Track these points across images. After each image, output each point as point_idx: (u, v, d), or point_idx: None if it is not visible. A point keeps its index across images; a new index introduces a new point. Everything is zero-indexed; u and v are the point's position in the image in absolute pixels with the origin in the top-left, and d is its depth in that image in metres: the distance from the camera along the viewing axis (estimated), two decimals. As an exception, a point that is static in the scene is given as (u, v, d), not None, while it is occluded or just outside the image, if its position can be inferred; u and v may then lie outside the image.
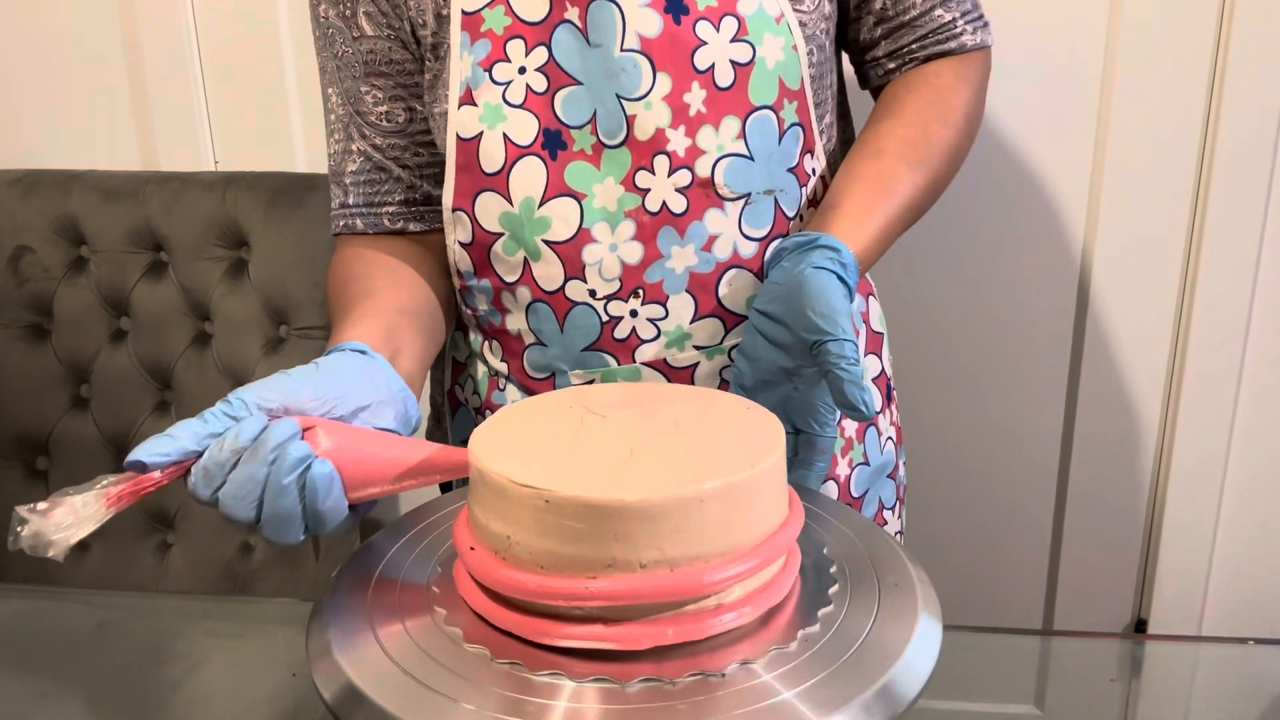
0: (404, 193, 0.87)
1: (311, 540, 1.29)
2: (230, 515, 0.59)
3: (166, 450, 0.58)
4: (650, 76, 0.77)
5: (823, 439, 0.71)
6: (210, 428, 0.59)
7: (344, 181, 0.88)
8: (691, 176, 0.78)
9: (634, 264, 0.80)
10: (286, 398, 0.61)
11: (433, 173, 0.87)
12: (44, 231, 1.32)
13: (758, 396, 0.72)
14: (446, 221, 0.83)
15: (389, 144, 0.86)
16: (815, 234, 0.74)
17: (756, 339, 0.73)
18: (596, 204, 0.79)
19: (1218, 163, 1.23)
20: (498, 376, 0.89)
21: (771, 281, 0.73)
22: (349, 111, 0.86)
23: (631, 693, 0.51)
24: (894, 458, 0.96)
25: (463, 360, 0.93)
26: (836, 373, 0.66)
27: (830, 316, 0.68)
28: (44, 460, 1.36)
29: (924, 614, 0.57)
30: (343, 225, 0.89)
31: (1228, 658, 0.85)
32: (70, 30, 1.37)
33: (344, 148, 0.88)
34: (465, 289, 0.87)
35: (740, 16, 0.77)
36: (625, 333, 0.82)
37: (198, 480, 0.59)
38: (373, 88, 0.85)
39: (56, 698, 0.80)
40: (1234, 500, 1.35)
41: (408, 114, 0.85)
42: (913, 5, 0.85)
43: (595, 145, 0.78)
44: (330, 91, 0.87)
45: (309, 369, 0.65)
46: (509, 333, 0.86)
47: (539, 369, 0.85)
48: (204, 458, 0.59)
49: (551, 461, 0.55)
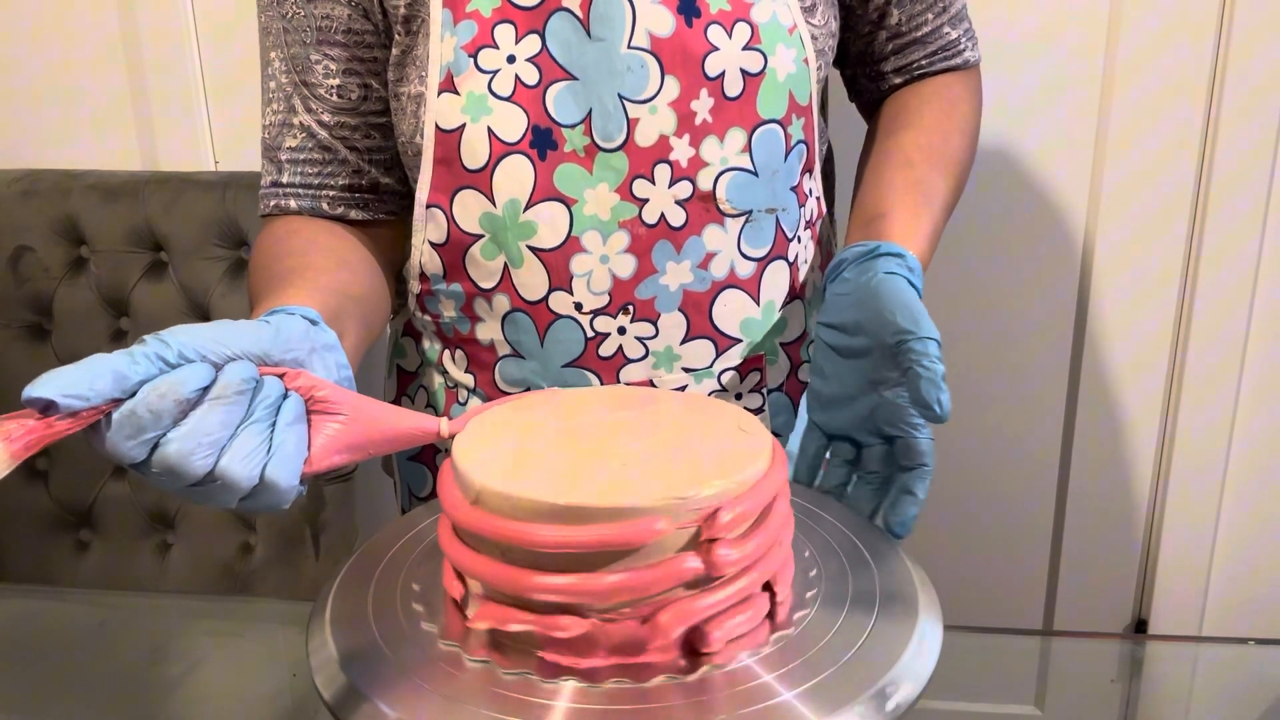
0: (349, 177, 0.80)
1: (312, 540, 1.29)
2: (172, 468, 0.48)
3: (84, 392, 0.46)
4: (658, 78, 0.72)
5: (920, 440, 0.66)
6: (141, 371, 0.48)
7: (279, 158, 0.79)
8: (692, 189, 0.74)
9: (626, 278, 0.75)
10: (239, 350, 0.51)
11: (383, 159, 0.81)
12: (44, 231, 1.32)
13: (840, 414, 0.69)
14: (417, 218, 0.77)
15: (338, 122, 0.79)
16: (875, 243, 0.71)
17: (830, 356, 0.70)
18: (587, 211, 0.74)
19: (1218, 163, 1.23)
20: (458, 389, 0.84)
21: (836, 294, 0.70)
22: (294, 81, 0.78)
23: (633, 693, 0.51)
24: None
25: (412, 370, 0.88)
26: (916, 369, 0.62)
27: (912, 316, 0.64)
28: (44, 460, 1.36)
29: (924, 614, 0.57)
30: (274, 206, 0.80)
31: (1228, 658, 0.85)
32: (70, 30, 1.37)
33: (284, 120, 0.79)
34: (428, 293, 0.81)
35: (754, 24, 0.74)
36: (611, 350, 0.77)
37: (122, 428, 0.47)
38: (325, 57, 0.77)
39: (56, 698, 0.80)
40: (1234, 500, 1.35)
41: (362, 90, 0.78)
42: (925, 22, 0.84)
43: (589, 147, 0.73)
44: (273, 56, 0.79)
45: (258, 323, 0.54)
46: (479, 342, 0.81)
47: (513, 383, 0.81)
48: (134, 402, 0.47)
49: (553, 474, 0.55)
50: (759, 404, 0.82)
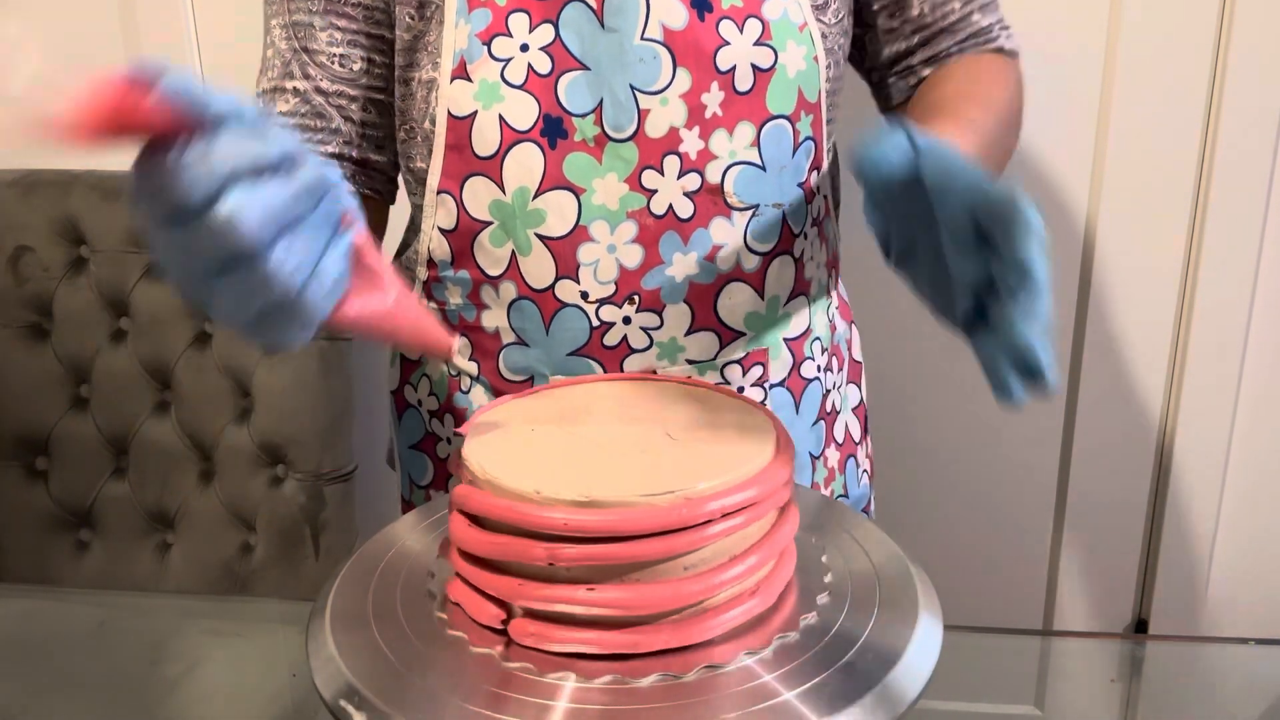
0: (339, 147, 0.79)
1: (312, 540, 1.29)
2: (229, 221, 0.43)
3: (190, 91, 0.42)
4: (670, 70, 0.73)
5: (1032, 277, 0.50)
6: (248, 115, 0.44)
7: None
8: (701, 181, 0.75)
9: (633, 268, 0.76)
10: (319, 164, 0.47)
11: (377, 136, 0.80)
12: (44, 231, 1.32)
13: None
14: (428, 204, 0.78)
15: (336, 90, 0.78)
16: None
17: (875, 214, 0.58)
18: (596, 200, 0.75)
19: (1218, 163, 1.23)
20: (461, 376, 0.84)
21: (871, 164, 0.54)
22: (293, 47, 0.77)
23: (633, 693, 0.51)
24: (868, 491, 0.95)
25: (415, 359, 0.89)
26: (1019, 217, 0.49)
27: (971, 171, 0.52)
28: (44, 460, 1.36)
29: (924, 614, 0.57)
30: None
31: (1228, 658, 0.85)
32: (70, 30, 1.37)
33: (276, 85, 0.78)
34: (436, 280, 0.82)
35: (765, 20, 0.74)
36: (616, 340, 0.78)
37: (201, 157, 0.42)
38: (332, 26, 0.76)
39: (56, 698, 0.80)
40: (1234, 500, 1.35)
41: (365, 64, 0.78)
42: (951, 10, 0.83)
43: (599, 137, 0.73)
44: (274, 24, 0.78)
45: None
46: (484, 330, 0.81)
47: (517, 370, 0.81)
48: (220, 140, 0.43)
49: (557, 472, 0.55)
50: (761, 398, 0.83)
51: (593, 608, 0.52)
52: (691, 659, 0.53)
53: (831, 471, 0.88)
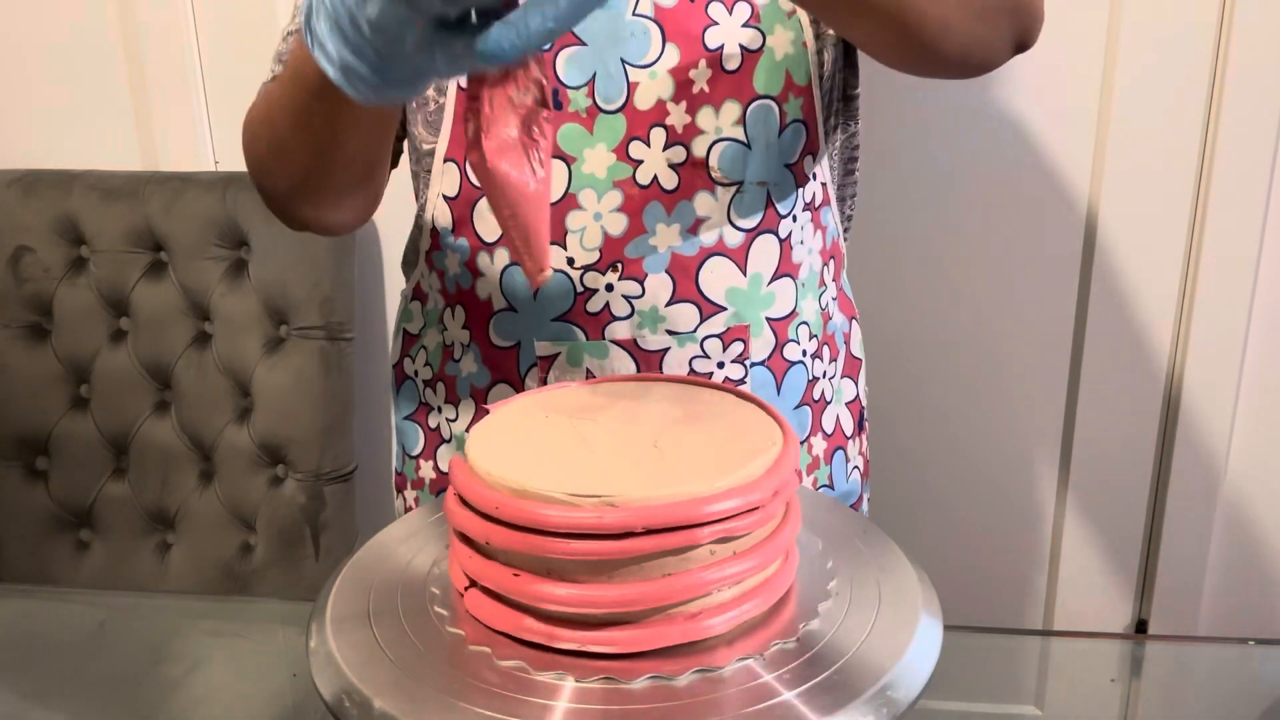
0: None
1: (312, 540, 1.29)
2: None
3: None
4: (659, 45, 0.76)
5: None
6: None
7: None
8: (686, 154, 0.77)
9: (617, 236, 0.78)
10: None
11: None
12: (44, 231, 1.32)
13: None
14: (435, 173, 0.81)
15: None
16: None
17: None
18: (586, 169, 0.77)
19: (1218, 162, 1.23)
20: (452, 346, 0.87)
21: None
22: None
23: (633, 693, 0.51)
24: (859, 488, 0.95)
25: (415, 332, 0.91)
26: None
27: None
28: (44, 460, 1.36)
29: (924, 614, 0.57)
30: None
31: (1228, 658, 0.85)
32: (70, 30, 1.37)
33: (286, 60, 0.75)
34: (436, 248, 0.84)
35: (754, 3, 0.77)
36: (598, 306, 0.80)
37: None
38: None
39: (56, 698, 0.80)
40: (1234, 500, 1.35)
41: None
42: None
43: (591, 109, 0.77)
44: (291, 34, 0.80)
45: None
46: (478, 297, 0.83)
47: (505, 336, 0.83)
48: None
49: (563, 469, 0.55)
50: (741, 375, 0.83)
51: (593, 608, 0.52)
52: (691, 659, 0.53)
53: (816, 459, 0.89)
